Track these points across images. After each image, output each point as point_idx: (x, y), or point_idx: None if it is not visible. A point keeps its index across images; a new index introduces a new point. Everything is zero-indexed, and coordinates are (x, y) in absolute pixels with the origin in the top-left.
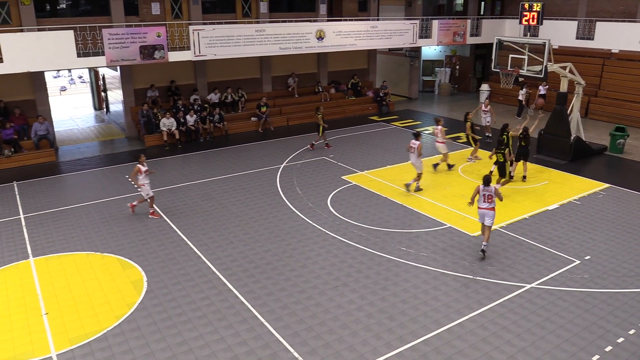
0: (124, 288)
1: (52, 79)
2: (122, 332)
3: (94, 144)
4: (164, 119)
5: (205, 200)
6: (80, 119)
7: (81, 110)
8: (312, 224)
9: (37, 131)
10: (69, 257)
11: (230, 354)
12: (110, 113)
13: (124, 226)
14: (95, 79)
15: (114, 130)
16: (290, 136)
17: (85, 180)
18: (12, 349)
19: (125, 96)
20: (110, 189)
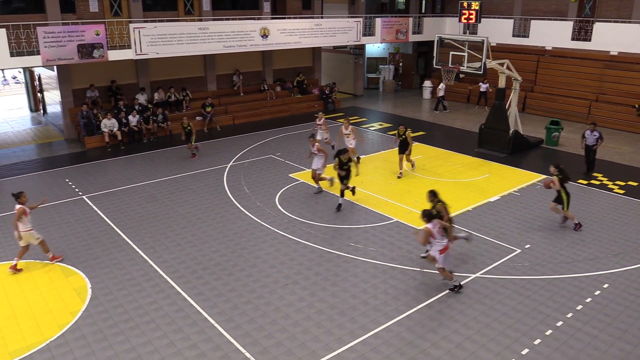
0: (67, 296)
1: None
2: (66, 341)
3: (30, 147)
4: (105, 120)
5: (150, 202)
6: (15, 121)
7: (16, 112)
8: (260, 223)
9: None
10: (6, 266)
11: (180, 357)
12: (48, 115)
13: (65, 232)
14: (30, 79)
15: (52, 133)
16: (236, 135)
17: (22, 185)
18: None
19: (63, 97)
20: (49, 194)
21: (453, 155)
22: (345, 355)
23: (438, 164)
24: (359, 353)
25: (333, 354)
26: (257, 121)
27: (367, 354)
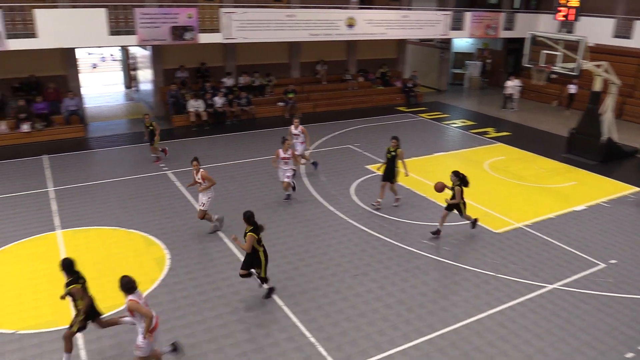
0: (147, 264)
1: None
2: None
3: (122, 122)
4: (192, 100)
5: (229, 182)
6: (110, 96)
7: (111, 88)
8: (334, 212)
9: (67, 107)
10: (95, 231)
11: (247, 335)
12: (140, 92)
13: (150, 204)
14: (126, 57)
15: (142, 109)
16: (316, 123)
17: (113, 156)
18: (37, 317)
19: (155, 76)
20: (137, 167)
21: (538, 159)
22: (410, 352)
23: (521, 167)
24: (423, 351)
25: (398, 349)
26: (337, 110)
27: (432, 353)
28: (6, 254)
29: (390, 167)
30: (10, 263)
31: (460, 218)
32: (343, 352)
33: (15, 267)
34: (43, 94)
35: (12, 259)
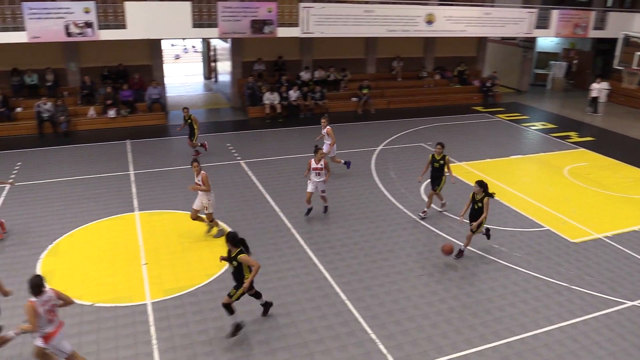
0: (217, 250)
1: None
2: (212, 290)
3: (200, 111)
4: (267, 93)
5: (299, 174)
6: (190, 86)
7: (191, 78)
8: (403, 210)
9: (151, 95)
10: (170, 214)
11: (309, 325)
12: (218, 83)
13: (222, 192)
14: (207, 49)
15: (220, 100)
16: (389, 119)
17: None
18: (113, 292)
19: (234, 68)
20: (212, 155)
21: (623, 167)
22: (472, 358)
23: (605, 175)
24: (487, 358)
25: (460, 354)
26: (412, 108)
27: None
28: (88, 231)
29: (436, 177)
30: (92, 240)
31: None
32: (403, 352)
33: (96, 244)
34: (129, 83)
35: (93, 236)
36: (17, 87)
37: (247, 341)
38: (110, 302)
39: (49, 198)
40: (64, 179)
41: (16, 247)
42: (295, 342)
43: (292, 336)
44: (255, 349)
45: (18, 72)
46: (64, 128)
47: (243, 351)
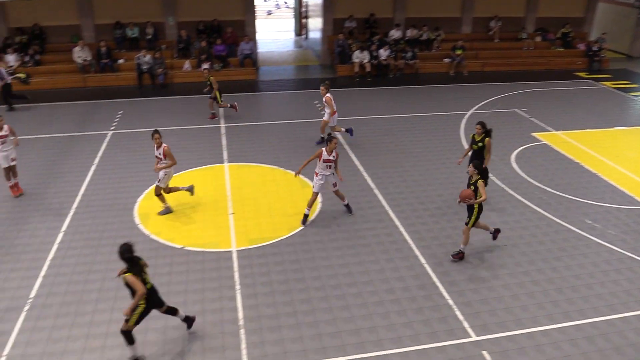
0: (300, 205)
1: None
2: (293, 243)
3: (290, 68)
4: (357, 51)
5: (386, 135)
6: (280, 42)
7: (283, 34)
8: (491, 178)
9: (243, 50)
10: (257, 167)
11: (387, 285)
12: (309, 40)
13: (308, 149)
14: (299, 5)
15: (309, 57)
16: (483, 82)
17: (279, 100)
18: (202, 237)
19: (325, 24)
20: (300, 112)
21: None
22: (552, 334)
23: None
24: (569, 336)
25: (540, 329)
26: (507, 71)
27: (578, 340)
28: (181, 179)
29: (476, 159)
30: None
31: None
32: (480, 320)
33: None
34: (222, 37)
35: (186, 184)
36: (120, 39)
37: (327, 296)
38: (198, 246)
39: (147, 146)
40: (160, 128)
41: (115, 190)
42: (372, 299)
43: (369, 294)
44: (332, 301)
45: (120, 25)
46: (161, 80)
47: (322, 302)
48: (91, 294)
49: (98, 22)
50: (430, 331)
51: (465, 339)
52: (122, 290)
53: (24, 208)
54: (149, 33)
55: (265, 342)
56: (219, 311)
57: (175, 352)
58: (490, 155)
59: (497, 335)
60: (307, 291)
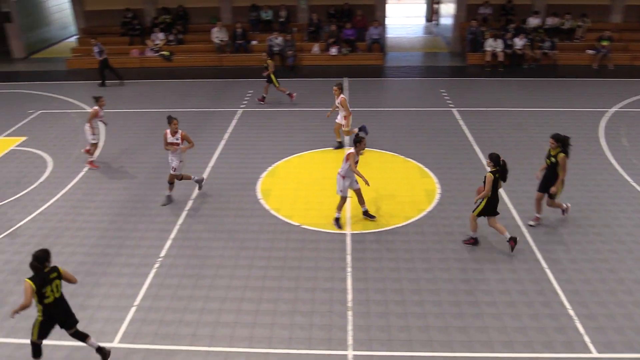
0: (418, 194)
1: None
2: (408, 232)
3: (418, 54)
4: (490, 39)
5: (515, 129)
6: (410, 28)
7: (412, 20)
8: (630, 183)
9: (371, 35)
10: (377, 153)
11: (502, 286)
12: (439, 26)
13: (431, 137)
14: None
15: (439, 44)
16: (631, 78)
17: (405, 86)
18: (318, 217)
19: (458, 10)
20: (424, 100)
21: None
22: None
23: None
24: None
25: None
26: None
27: None
28: (303, 159)
29: (549, 177)
30: (306, 167)
31: None
32: (605, 336)
33: (309, 172)
34: (352, 21)
35: (307, 164)
36: (254, 21)
37: (438, 289)
38: (314, 226)
39: (273, 126)
40: (287, 109)
41: (241, 165)
42: (485, 299)
43: (482, 293)
44: (442, 295)
45: (256, 8)
46: (291, 62)
47: (432, 295)
48: (214, 260)
49: (236, 5)
50: (545, 340)
51: (584, 354)
52: (242, 259)
53: (159, 176)
54: (282, 16)
55: (371, 326)
56: (329, 290)
57: (283, 324)
58: (565, 174)
59: (623, 355)
60: (417, 282)
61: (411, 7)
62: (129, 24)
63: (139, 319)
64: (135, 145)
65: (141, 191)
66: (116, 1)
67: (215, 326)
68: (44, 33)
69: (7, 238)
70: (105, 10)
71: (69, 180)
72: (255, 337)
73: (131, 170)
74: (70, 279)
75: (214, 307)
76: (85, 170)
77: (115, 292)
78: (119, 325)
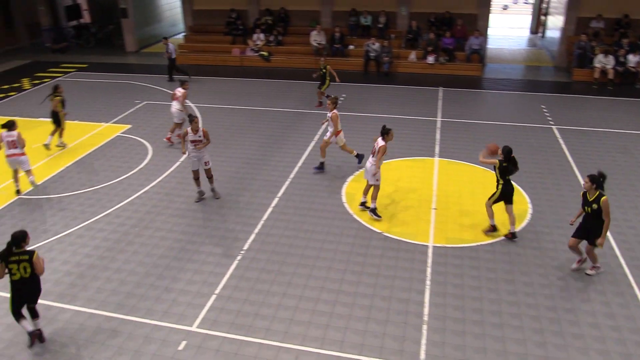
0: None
1: None
2: (493, 250)
3: (519, 67)
4: (600, 55)
5: (621, 153)
6: (512, 39)
7: (516, 31)
8: None
9: (471, 45)
10: (467, 167)
11: (591, 319)
12: (545, 39)
13: (527, 155)
14: (539, 1)
15: (543, 57)
16: None
17: (502, 100)
18: (401, 226)
19: (566, 23)
20: (522, 115)
21: None
22: None
23: None
24: None
25: None
26: None
27: None
28: (390, 167)
29: (590, 225)
30: (392, 175)
31: None
32: None
33: (395, 180)
34: (452, 30)
35: (394, 172)
36: (353, 26)
37: (520, 314)
38: (396, 234)
39: (363, 130)
40: (378, 115)
41: (327, 168)
42: (571, 330)
43: (568, 324)
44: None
45: (356, 13)
46: (386, 68)
47: (514, 319)
48: (294, 258)
49: (336, 9)
50: None
51: None
52: (321, 260)
53: (249, 171)
54: (381, 22)
55: (446, 343)
56: (405, 301)
57: (356, 329)
58: (609, 220)
59: None
60: (499, 303)
61: (516, 18)
62: (233, 24)
63: (218, 307)
64: (228, 139)
65: (230, 184)
66: (223, 1)
67: (290, 323)
68: (154, 29)
69: (105, 217)
70: (211, 10)
71: (165, 168)
72: (327, 338)
73: (223, 164)
74: (37, 268)
75: (290, 304)
76: (182, 160)
77: (198, 279)
78: (199, 311)
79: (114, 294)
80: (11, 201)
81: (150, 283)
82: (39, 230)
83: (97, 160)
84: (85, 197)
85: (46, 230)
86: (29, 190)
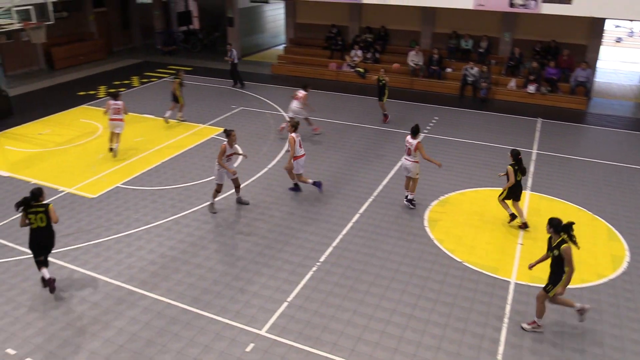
0: (601, 257)
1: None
2: (580, 295)
3: (629, 104)
4: None
5: None
6: (624, 74)
7: (628, 66)
8: None
9: (577, 77)
10: (560, 204)
11: None
12: None
13: (628, 197)
14: None
15: None
16: None
17: (606, 137)
18: (483, 258)
19: None
20: (629, 155)
21: None
22: None
23: None
24: None
25: None
26: None
27: None
28: (479, 195)
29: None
30: (479, 204)
31: None
32: None
33: (482, 209)
34: (557, 60)
35: (481, 201)
36: (452, 49)
37: None
38: (477, 266)
39: (453, 155)
40: (471, 141)
41: None
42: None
43: None
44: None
45: (456, 36)
46: (484, 94)
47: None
48: (368, 276)
49: (436, 31)
50: None
51: None
52: (396, 283)
53: (333, 184)
54: (482, 47)
55: None
56: (479, 337)
57: (425, 358)
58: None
59: None
60: (583, 354)
61: (630, 52)
62: (333, 39)
63: (289, 314)
64: (318, 152)
65: (314, 195)
66: (325, 16)
67: (358, 341)
68: (257, 39)
69: (192, 214)
70: (313, 24)
71: (254, 173)
72: None
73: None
74: (53, 217)
75: (359, 322)
76: (270, 166)
77: (273, 284)
78: (269, 316)
79: (192, 288)
80: (110, 188)
81: (227, 282)
82: (131, 218)
83: (191, 158)
84: (176, 192)
85: (138, 219)
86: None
